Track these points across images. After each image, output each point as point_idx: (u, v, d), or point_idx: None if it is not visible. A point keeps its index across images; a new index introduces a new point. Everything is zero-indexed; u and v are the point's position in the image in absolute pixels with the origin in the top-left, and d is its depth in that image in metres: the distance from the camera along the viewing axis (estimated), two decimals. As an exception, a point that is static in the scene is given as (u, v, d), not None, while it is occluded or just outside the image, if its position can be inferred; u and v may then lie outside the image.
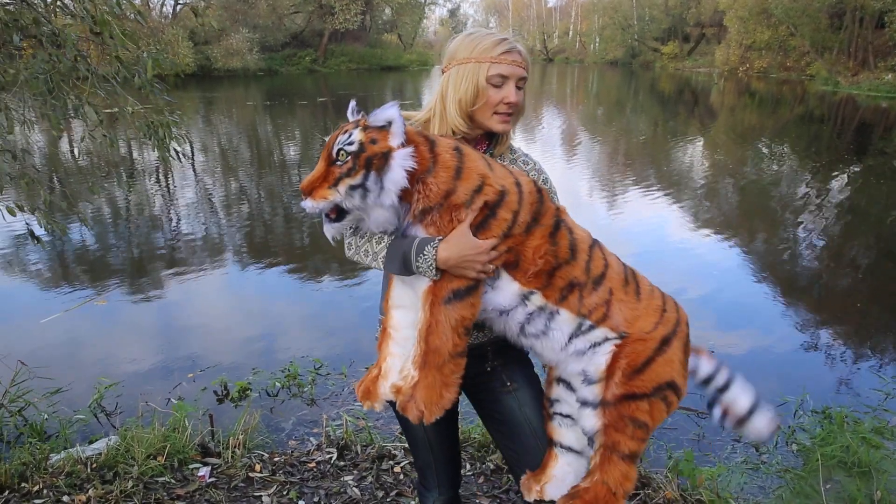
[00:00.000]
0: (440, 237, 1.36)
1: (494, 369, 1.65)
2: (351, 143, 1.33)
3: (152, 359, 4.17)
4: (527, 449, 1.65)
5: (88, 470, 2.65)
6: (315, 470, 2.84)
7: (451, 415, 1.76)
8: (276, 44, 37.47)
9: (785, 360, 4.25)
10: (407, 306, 1.48)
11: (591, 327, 1.43)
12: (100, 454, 2.75)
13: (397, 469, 2.84)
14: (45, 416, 3.27)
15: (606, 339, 1.43)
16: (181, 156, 3.57)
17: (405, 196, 1.35)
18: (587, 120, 18.78)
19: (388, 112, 1.34)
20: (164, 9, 35.07)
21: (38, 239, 3.19)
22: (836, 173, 10.46)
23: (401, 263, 1.38)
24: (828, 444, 3.05)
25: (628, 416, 1.38)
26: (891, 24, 24.20)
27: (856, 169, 10.81)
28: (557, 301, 1.41)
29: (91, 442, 2.98)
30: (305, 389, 3.78)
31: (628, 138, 14.79)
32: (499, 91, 1.53)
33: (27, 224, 3.07)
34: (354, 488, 2.69)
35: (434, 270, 1.34)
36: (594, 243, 1.49)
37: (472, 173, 1.37)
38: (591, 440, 1.44)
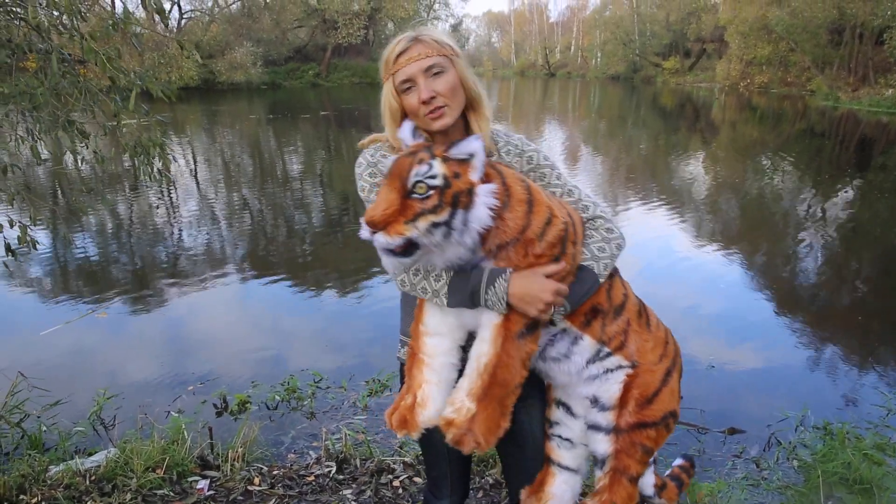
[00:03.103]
0: (511, 269, 1.35)
1: None
2: (434, 177, 1.24)
3: (152, 371, 4.17)
4: (526, 463, 1.69)
5: (87, 482, 2.65)
6: (314, 483, 2.83)
7: None
8: (279, 58, 37.79)
9: (786, 374, 4.24)
10: (443, 334, 1.44)
11: (608, 354, 1.47)
12: (98, 466, 2.75)
13: (396, 483, 2.83)
14: (45, 427, 3.27)
15: (619, 367, 1.48)
16: (162, 174, 3.51)
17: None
18: (589, 134, 18.85)
19: (473, 144, 1.27)
20: (170, 23, 35.37)
21: (14, 253, 3.19)
22: (837, 188, 10.49)
23: (468, 296, 1.36)
24: (829, 460, 3.03)
25: (639, 443, 1.46)
26: (890, 40, 24.32)
27: (857, 184, 10.83)
28: (582, 326, 1.43)
29: (90, 454, 2.98)
30: (305, 403, 3.77)
31: (630, 153, 14.84)
32: (412, 94, 1.46)
33: (5, 238, 3.07)
34: (353, 502, 2.68)
35: (504, 304, 1.32)
36: (615, 271, 1.51)
37: (542, 206, 1.34)
38: (601, 462, 1.50)
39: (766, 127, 20.11)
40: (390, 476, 2.88)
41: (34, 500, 2.51)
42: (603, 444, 1.48)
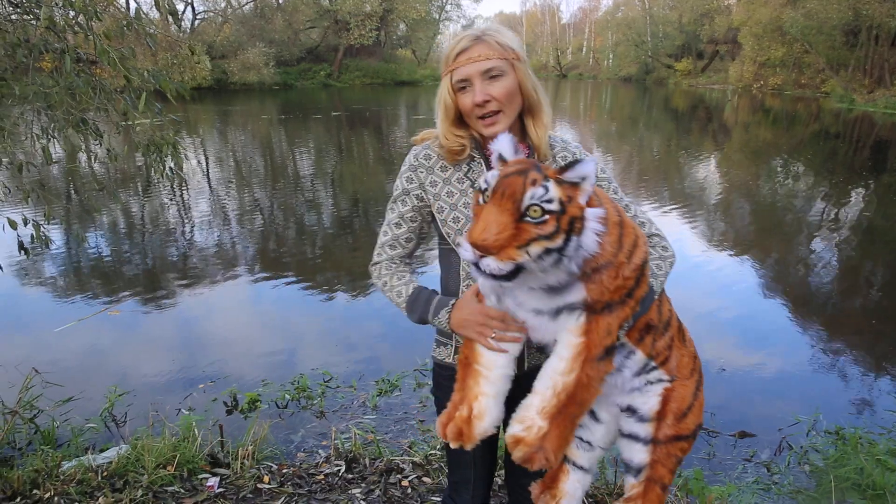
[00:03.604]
0: (453, 300, 1.49)
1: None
2: (550, 201, 1.17)
3: (164, 369, 4.20)
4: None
5: (99, 478, 2.67)
6: (323, 482, 2.84)
7: (497, 434, 1.77)
8: (291, 58, 37.96)
9: (797, 378, 4.20)
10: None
11: (653, 368, 1.50)
12: (110, 463, 2.78)
13: (405, 483, 2.83)
14: (57, 423, 3.31)
15: (659, 381, 1.51)
16: (174, 173, 3.53)
17: None
18: (601, 136, 18.79)
19: (588, 168, 1.20)
20: (183, 23, 35.63)
21: (26, 251, 3.23)
22: (852, 190, 10.39)
23: (418, 318, 1.53)
24: (841, 465, 3.01)
25: (674, 454, 1.50)
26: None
27: (872, 186, 10.72)
28: (636, 341, 1.44)
29: (102, 450, 3.00)
30: (315, 402, 3.79)
31: (642, 155, 14.77)
32: (467, 94, 1.45)
33: (18, 236, 3.10)
34: (362, 501, 2.69)
35: (447, 328, 1.49)
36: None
37: (630, 228, 1.32)
38: (634, 470, 1.54)
39: (779, 129, 19.95)
40: (399, 476, 2.88)
41: (47, 495, 2.54)
42: (640, 454, 1.52)
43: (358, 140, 16.84)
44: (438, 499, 2.71)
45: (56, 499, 2.53)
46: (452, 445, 1.42)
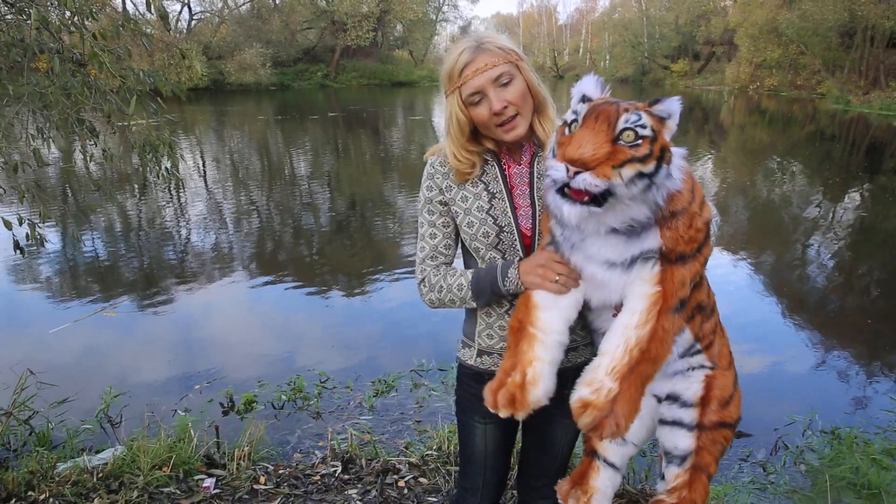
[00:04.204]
0: (518, 259, 1.45)
1: (562, 396, 1.45)
2: (644, 127, 1.19)
3: (159, 370, 4.19)
4: (545, 466, 1.73)
5: (94, 479, 2.66)
6: (319, 483, 2.84)
7: (512, 439, 1.75)
8: (288, 59, 37.94)
9: (793, 378, 4.21)
10: (560, 307, 1.38)
11: (697, 352, 1.48)
12: (106, 464, 2.77)
13: (401, 483, 2.83)
14: (53, 425, 3.30)
15: (702, 367, 1.49)
16: (170, 173, 3.50)
17: None
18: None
19: (674, 105, 1.22)
20: (179, 24, 35.62)
21: (21, 250, 3.22)
22: (847, 191, 10.42)
23: (490, 292, 1.47)
24: (837, 465, 3.01)
25: (719, 441, 1.48)
26: (902, 43, 24.16)
27: (868, 187, 10.76)
28: (687, 319, 1.40)
29: (98, 452, 3.00)
30: (311, 402, 3.78)
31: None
32: (481, 106, 1.44)
33: (13, 235, 3.09)
34: (358, 502, 2.69)
35: (519, 284, 1.42)
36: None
37: (698, 183, 1.34)
38: (678, 458, 1.49)
39: (775, 130, 20.01)
40: (396, 476, 2.88)
41: (42, 497, 2.53)
42: (685, 440, 1.47)
43: (355, 141, 16.83)
44: (435, 499, 2.71)
45: (51, 500, 2.52)
46: (502, 414, 1.36)
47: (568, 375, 1.42)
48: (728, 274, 6.30)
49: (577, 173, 1.15)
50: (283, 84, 36.17)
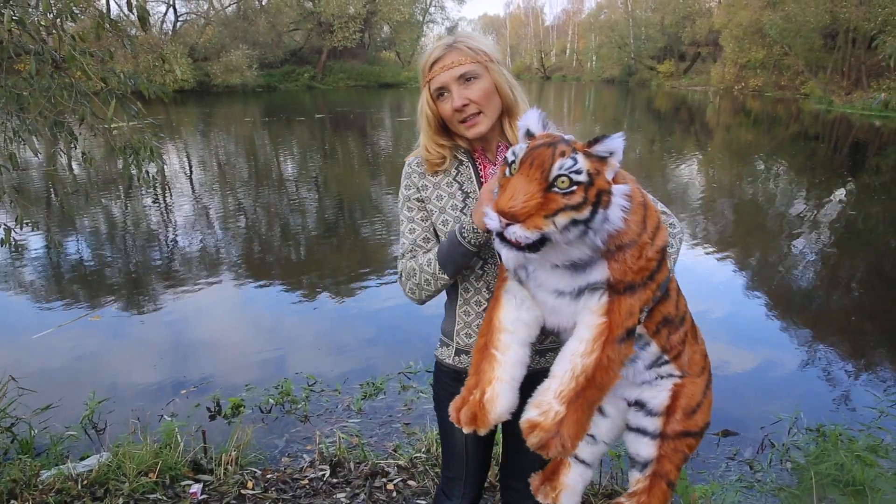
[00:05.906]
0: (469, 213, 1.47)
1: None
2: (579, 172, 1.18)
3: (145, 375, 4.15)
4: (524, 468, 1.74)
5: (79, 487, 2.63)
6: (308, 487, 2.82)
7: (493, 431, 1.77)
8: (275, 60, 37.79)
9: (779, 377, 4.25)
10: (518, 330, 1.41)
11: (665, 362, 1.49)
12: (91, 471, 2.74)
13: (390, 486, 2.82)
14: (36, 432, 3.25)
15: (670, 376, 1.50)
16: (153, 177, 3.46)
17: None
18: (585, 137, 18.74)
19: (617, 142, 1.22)
20: (164, 25, 35.37)
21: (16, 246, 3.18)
22: (831, 191, 10.54)
23: (458, 253, 1.46)
24: (822, 462, 3.04)
25: (681, 450, 1.50)
26: (882, 44, 24.46)
27: (851, 186, 10.89)
28: (652, 333, 1.42)
29: (82, 458, 2.96)
30: (299, 406, 3.76)
31: (625, 155, 14.81)
32: (446, 102, 1.50)
33: None
34: (347, 506, 2.68)
35: (477, 233, 1.42)
36: (676, 282, 1.51)
37: (653, 210, 1.33)
38: (640, 465, 1.53)
39: (760, 130, 20.19)
40: (384, 479, 2.87)
41: (25, 505, 2.50)
42: (647, 448, 1.51)
43: (342, 143, 16.79)
44: (424, 502, 2.70)
45: (34, 508, 2.49)
46: (465, 430, 1.39)
47: (543, 377, 1.46)
48: (712, 273, 6.35)
49: (508, 224, 1.16)
50: (269, 86, 36.00)
